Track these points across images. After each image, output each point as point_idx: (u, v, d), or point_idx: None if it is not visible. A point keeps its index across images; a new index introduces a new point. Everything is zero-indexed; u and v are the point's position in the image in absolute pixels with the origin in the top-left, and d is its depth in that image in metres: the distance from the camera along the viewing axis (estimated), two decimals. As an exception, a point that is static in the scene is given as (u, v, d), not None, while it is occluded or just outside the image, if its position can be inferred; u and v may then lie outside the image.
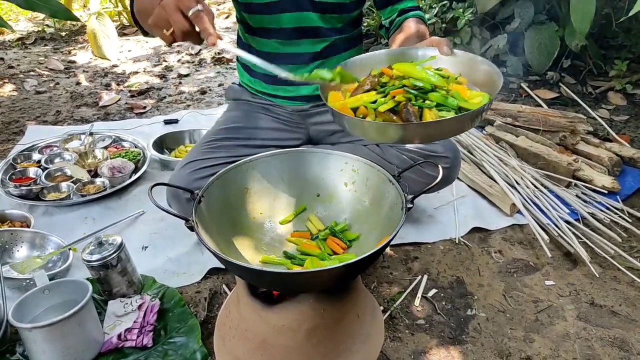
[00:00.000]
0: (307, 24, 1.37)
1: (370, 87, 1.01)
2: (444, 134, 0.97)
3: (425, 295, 1.44)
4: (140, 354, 1.21)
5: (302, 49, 1.41)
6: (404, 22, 1.37)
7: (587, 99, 2.70)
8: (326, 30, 1.39)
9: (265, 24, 1.37)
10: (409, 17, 1.38)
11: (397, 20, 1.40)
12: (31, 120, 2.64)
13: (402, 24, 1.37)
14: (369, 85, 1.01)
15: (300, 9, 1.35)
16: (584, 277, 1.50)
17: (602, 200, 1.82)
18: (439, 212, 1.81)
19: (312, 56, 1.42)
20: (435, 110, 0.93)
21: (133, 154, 2.11)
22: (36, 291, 1.20)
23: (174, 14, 0.92)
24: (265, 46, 1.43)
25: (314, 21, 1.37)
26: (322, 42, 1.41)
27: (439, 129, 0.92)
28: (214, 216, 1.00)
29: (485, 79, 1.04)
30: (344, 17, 1.42)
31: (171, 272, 1.52)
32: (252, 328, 0.97)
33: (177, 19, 0.93)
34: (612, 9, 2.66)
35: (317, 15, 1.37)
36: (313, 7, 1.36)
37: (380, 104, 0.94)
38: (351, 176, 1.11)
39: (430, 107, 0.93)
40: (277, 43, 1.40)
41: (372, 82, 1.01)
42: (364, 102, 0.97)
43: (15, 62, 3.61)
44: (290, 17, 1.35)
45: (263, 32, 1.40)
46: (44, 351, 1.11)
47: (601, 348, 1.27)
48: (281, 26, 1.37)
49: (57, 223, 1.75)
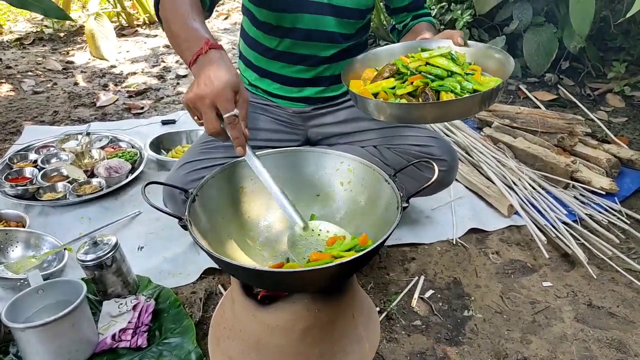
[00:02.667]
0: (322, 28, 1.36)
1: (389, 74, 1.09)
2: (460, 113, 1.03)
3: (422, 296, 1.43)
4: (135, 355, 1.20)
5: (311, 51, 1.40)
6: (415, 26, 1.44)
7: (586, 101, 2.70)
8: (339, 35, 1.38)
9: (280, 22, 1.35)
10: (421, 22, 1.45)
11: (411, 24, 1.46)
12: (28, 120, 2.63)
13: (414, 27, 1.43)
14: (388, 72, 1.10)
15: (319, 12, 1.34)
16: (582, 279, 1.50)
17: (600, 201, 1.81)
18: (436, 213, 1.81)
19: (320, 60, 1.41)
20: (451, 94, 1.01)
21: (130, 154, 2.10)
22: (30, 291, 1.19)
23: (208, 111, 0.89)
24: (274, 44, 1.41)
25: (330, 25, 1.36)
26: (333, 47, 1.40)
27: (455, 108, 0.99)
28: (208, 215, 1.00)
29: (498, 66, 1.13)
30: (358, 24, 1.42)
31: (167, 273, 1.51)
32: (246, 328, 0.96)
33: (210, 118, 0.89)
34: (611, 11, 2.66)
35: (334, 19, 1.36)
36: (332, 12, 1.35)
37: (400, 87, 1.04)
38: (347, 176, 1.10)
39: (447, 91, 1.01)
40: (288, 42, 1.39)
41: (390, 70, 1.10)
42: (383, 87, 1.07)
43: (13, 62, 3.60)
44: (307, 18, 1.34)
45: (275, 30, 1.38)
46: (37, 351, 1.10)
47: (598, 349, 1.26)
48: (296, 26, 1.35)
49: (52, 223, 1.74)
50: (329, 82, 1.47)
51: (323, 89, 1.48)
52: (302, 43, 1.38)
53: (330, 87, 1.49)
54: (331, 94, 1.51)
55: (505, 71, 1.09)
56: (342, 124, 1.53)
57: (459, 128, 2.26)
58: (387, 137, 1.50)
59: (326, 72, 1.45)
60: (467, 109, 1.02)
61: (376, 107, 1.03)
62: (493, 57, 1.15)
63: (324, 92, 1.49)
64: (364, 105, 1.06)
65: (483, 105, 1.02)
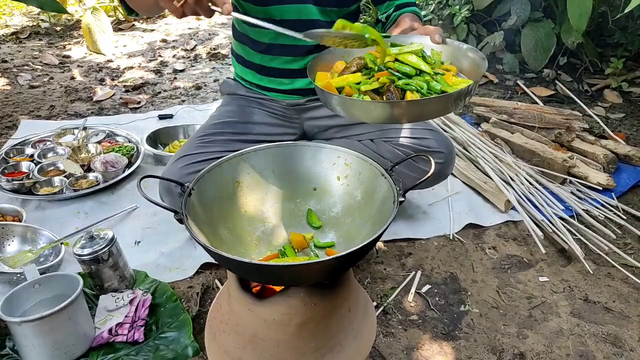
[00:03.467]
0: (306, 17, 1.36)
1: (356, 68, 1.05)
2: (423, 114, 0.99)
3: (418, 291, 1.44)
4: (132, 349, 1.20)
5: (298, 41, 1.40)
6: (399, 17, 1.38)
7: (583, 97, 2.70)
8: (324, 23, 1.38)
9: (264, 14, 1.35)
10: (405, 12, 1.40)
11: (393, 15, 1.42)
12: (24, 114, 2.62)
13: (398, 19, 1.38)
14: (355, 67, 1.05)
15: (301, 2, 1.34)
16: (578, 274, 1.50)
17: (597, 197, 1.82)
18: (433, 208, 1.81)
19: (308, 49, 1.42)
20: (418, 94, 0.96)
21: (127, 148, 2.10)
22: (26, 285, 1.19)
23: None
24: (262, 36, 1.42)
25: (313, 14, 1.37)
26: None
27: (418, 109, 0.94)
28: (204, 209, 0.99)
29: (471, 66, 1.08)
30: (343, 11, 1.41)
31: (163, 267, 1.51)
32: (242, 322, 0.96)
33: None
34: (609, 6, 2.66)
35: (317, 8, 1.37)
36: (313, 0, 1.35)
37: (365, 83, 0.99)
38: (343, 170, 1.10)
39: (412, 90, 0.96)
40: (274, 34, 1.39)
41: (358, 64, 1.06)
42: (349, 82, 1.01)
43: (9, 56, 3.58)
44: (290, 8, 1.34)
45: None
46: (33, 345, 1.10)
47: (594, 344, 1.27)
48: (281, 17, 1.35)
49: (49, 217, 1.73)
50: None
51: None
52: None
53: None
54: None
55: (478, 72, 1.04)
56: (338, 116, 1.53)
57: (456, 123, 2.25)
58: (383, 131, 1.50)
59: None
60: (432, 111, 0.96)
61: (338, 103, 0.98)
62: (468, 56, 1.10)
63: None
64: (326, 100, 1.01)
65: (450, 108, 0.96)
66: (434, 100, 0.93)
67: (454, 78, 1.03)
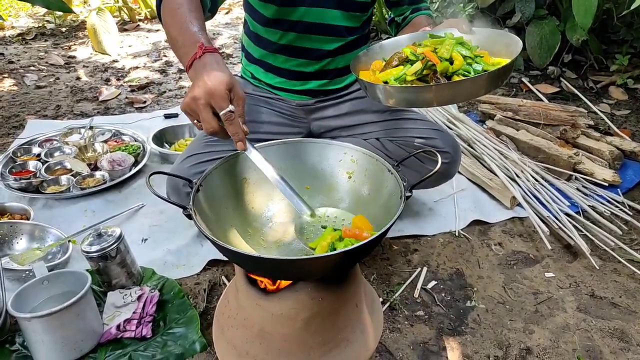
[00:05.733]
0: (327, 21, 1.36)
1: (397, 62, 1.10)
2: (471, 93, 1.04)
3: (424, 287, 1.44)
4: (140, 345, 1.21)
5: (315, 45, 1.39)
6: (415, 19, 1.43)
7: (588, 94, 2.69)
8: (344, 29, 1.38)
9: (285, 16, 1.34)
10: (420, 14, 1.45)
11: (410, 17, 1.46)
12: (31, 114, 2.64)
13: (413, 20, 1.43)
14: (396, 61, 1.10)
15: (324, 5, 1.34)
16: (584, 269, 1.50)
17: (602, 193, 1.81)
18: (439, 205, 1.81)
19: (324, 53, 1.41)
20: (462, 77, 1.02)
21: (133, 147, 2.11)
22: (35, 282, 1.20)
23: (204, 111, 0.89)
24: (278, 38, 1.40)
25: (335, 19, 1.36)
26: (338, 41, 1.40)
27: (466, 88, 1.00)
28: (212, 205, 1.00)
29: (505, 48, 1.13)
30: (363, 17, 1.43)
31: (171, 264, 1.52)
32: (250, 317, 0.97)
33: (207, 118, 0.89)
34: (614, 3, 2.65)
35: (340, 12, 1.36)
36: (337, 5, 1.35)
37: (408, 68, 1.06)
38: (350, 166, 1.10)
39: (458, 74, 1.03)
40: (292, 36, 1.38)
41: (399, 58, 1.10)
42: (392, 75, 1.07)
43: (16, 57, 3.60)
44: (313, 11, 1.33)
45: (279, 23, 1.37)
46: (43, 341, 1.11)
47: (601, 339, 1.27)
48: (300, 19, 1.35)
49: (56, 216, 1.75)
50: (333, 75, 1.47)
51: (326, 82, 1.48)
52: (305, 36, 1.37)
53: (333, 80, 1.49)
54: (334, 86, 1.51)
55: (514, 51, 1.09)
56: (345, 116, 1.53)
57: (461, 121, 2.25)
58: (389, 130, 1.50)
59: (330, 66, 1.45)
60: (477, 89, 1.02)
61: (385, 92, 1.04)
62: (498, 40, 1.16)
63: (327, 84, 1.49)
64: (373, 92, 1.07)
65: (493, 85, 1.03)
66: (479, 78, 0.99)
67: (491, 59, 1.10)
